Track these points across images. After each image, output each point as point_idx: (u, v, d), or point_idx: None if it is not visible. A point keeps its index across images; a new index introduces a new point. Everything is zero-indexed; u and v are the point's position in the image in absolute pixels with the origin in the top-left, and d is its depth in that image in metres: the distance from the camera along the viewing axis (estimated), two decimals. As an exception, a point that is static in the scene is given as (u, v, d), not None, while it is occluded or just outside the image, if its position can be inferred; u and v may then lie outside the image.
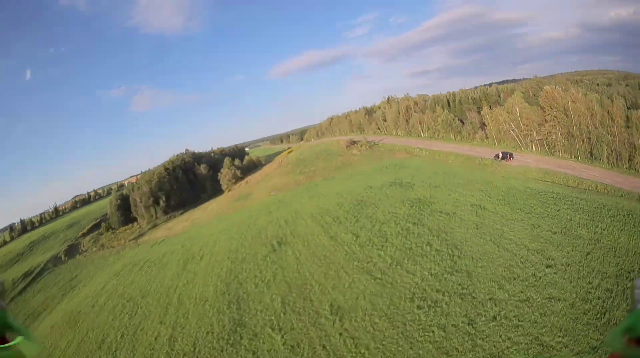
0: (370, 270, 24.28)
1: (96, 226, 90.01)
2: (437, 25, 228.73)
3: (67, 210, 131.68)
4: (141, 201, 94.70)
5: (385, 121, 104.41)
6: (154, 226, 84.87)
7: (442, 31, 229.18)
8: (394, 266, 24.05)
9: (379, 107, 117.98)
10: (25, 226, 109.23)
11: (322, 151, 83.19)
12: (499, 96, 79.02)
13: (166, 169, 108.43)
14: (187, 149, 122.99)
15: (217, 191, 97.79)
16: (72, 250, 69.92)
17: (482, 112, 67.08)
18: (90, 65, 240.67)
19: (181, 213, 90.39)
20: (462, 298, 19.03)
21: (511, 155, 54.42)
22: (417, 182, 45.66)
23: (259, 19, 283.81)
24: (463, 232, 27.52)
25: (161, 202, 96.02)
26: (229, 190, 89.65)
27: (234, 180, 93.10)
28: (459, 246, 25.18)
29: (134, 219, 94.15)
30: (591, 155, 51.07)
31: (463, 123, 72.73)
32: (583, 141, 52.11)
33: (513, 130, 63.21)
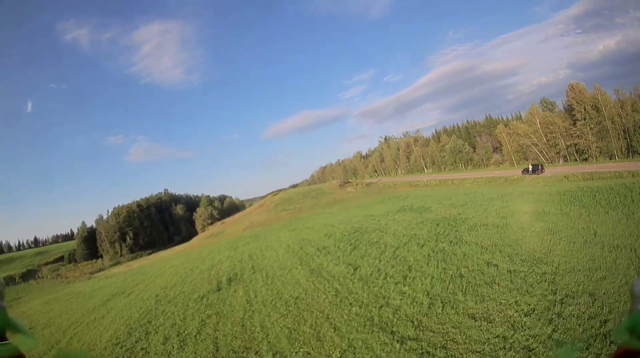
0: (389, 322, 11.34)
1: (63, 258, 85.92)
2: (430, 82, 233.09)
3: (48, 242, 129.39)
4: (106, 236, 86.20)
5: (383, 161, 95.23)
6: (117, 263, 75.67)
7: (435, 87, 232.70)
8: (437, 311, 11.23)
9: (376, 151, 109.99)
10: (2, 249, 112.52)
11: (312, 190, 71.70)
12: (508, 121, 70.78)
13: (139, 206, 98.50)
14: (166, 189, 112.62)
15: (193, 234, 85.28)
16: (29, 275, 69.30)
17: (496, 131, 58.01)
18: (91, 107, 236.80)
19: (149, 253, 79.66)
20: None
21: (542, 167, 45.58)
22: (433, 205, 33.91)
23: (256, 77, 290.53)
24: (536, 242, 16.65)
25: (128, 239, 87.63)
26: (203, 230, 77.05)
27: (209, 221, 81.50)
28: (545, 260, 14.01)
29: (101, 256, 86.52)
30: (629, 151, 45.59)
31: (474, 149, 63.25)
32: (619, 136, 46.19)
33: (535, 144, 53.74)
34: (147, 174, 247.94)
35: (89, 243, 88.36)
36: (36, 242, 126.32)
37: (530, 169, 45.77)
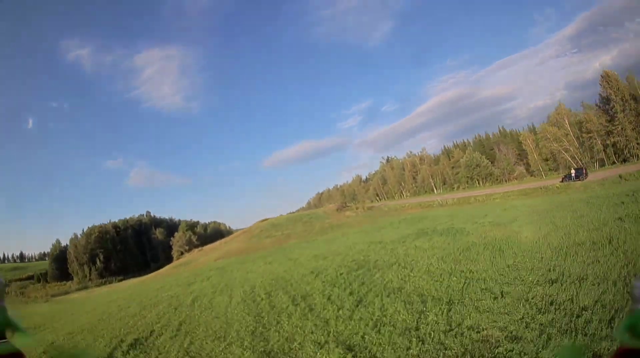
0: None
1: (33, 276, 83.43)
2: (427, 110, 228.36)
3: (34, 259, 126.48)
4: (76, 257, 79.38)
5: (385, 184, 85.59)
6: (84, 287, 69.69)
7: (433, 115, 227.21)
8: None
9: (377, 173, 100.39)
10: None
11: (304, 215, 61.55)
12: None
13: (115, 227, 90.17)
14: (148, 211, 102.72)
15: (171, 260, 76.13)
16: (-8, 289, 63.90)
17: (520, 138, 49.54)
18: (91, 128, 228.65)
19: (119, 280, 72.31)
20: None
21: (586, 171, 39.80)
22: (467, 225, 24.14)
23: (256, 106, 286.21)
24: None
25: (98, 262, 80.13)
26: (179, 257, 67.56)
27: (187, 247, 72.14)
28: None
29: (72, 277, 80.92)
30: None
31: (493, 162, 54.08)
32: (662, 127, 43.91)
33: (566, 149, 45.61)
34: (146, 199, 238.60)
35: (60, 263, 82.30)
36: (22, 257, 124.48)
37: (573, 174, 39.43)
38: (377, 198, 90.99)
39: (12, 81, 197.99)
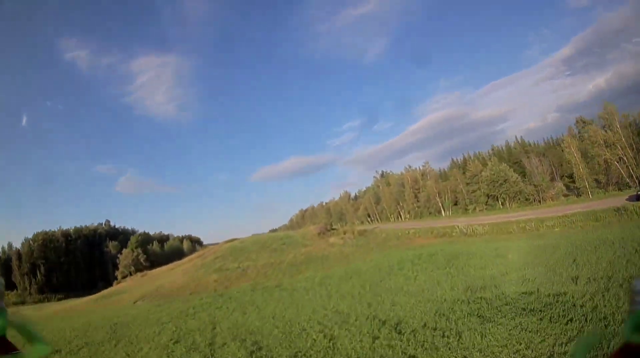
0: None
1: (-11, 283, 69.32)
2: (419, 129, 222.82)
3: None
4: (17, 266, 71.18)
5: (379, 203, 72.76)
6: (22, 302, 62.32)
7: (424, 135, 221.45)
8: None
9: (369, 190, 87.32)
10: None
11: (277, 239, 48.00)
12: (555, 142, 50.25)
13: (65, 235, 78.33)
14: (107, 221, 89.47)
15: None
16: None
17: (563, 144, 38.69)
18: (84, 131, 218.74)
19: (59, 299, 61.72)
20: None
21: None
22: (571, 288, 11.14)
23: (247, 121, 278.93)
24: None
25: (39, 274, 70.75)
26: (119, 281, 56.72)
27: (133, 268, 60.70)
28: None
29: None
30: None
31: (524, 177, 42.24)
32: None
33: (621, 157, 35.26)
34: (133, 208, 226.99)
35: (6, 270, 72.82)
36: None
37: None
38: (369, 220, 78.24)
39: (5, 80, 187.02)
